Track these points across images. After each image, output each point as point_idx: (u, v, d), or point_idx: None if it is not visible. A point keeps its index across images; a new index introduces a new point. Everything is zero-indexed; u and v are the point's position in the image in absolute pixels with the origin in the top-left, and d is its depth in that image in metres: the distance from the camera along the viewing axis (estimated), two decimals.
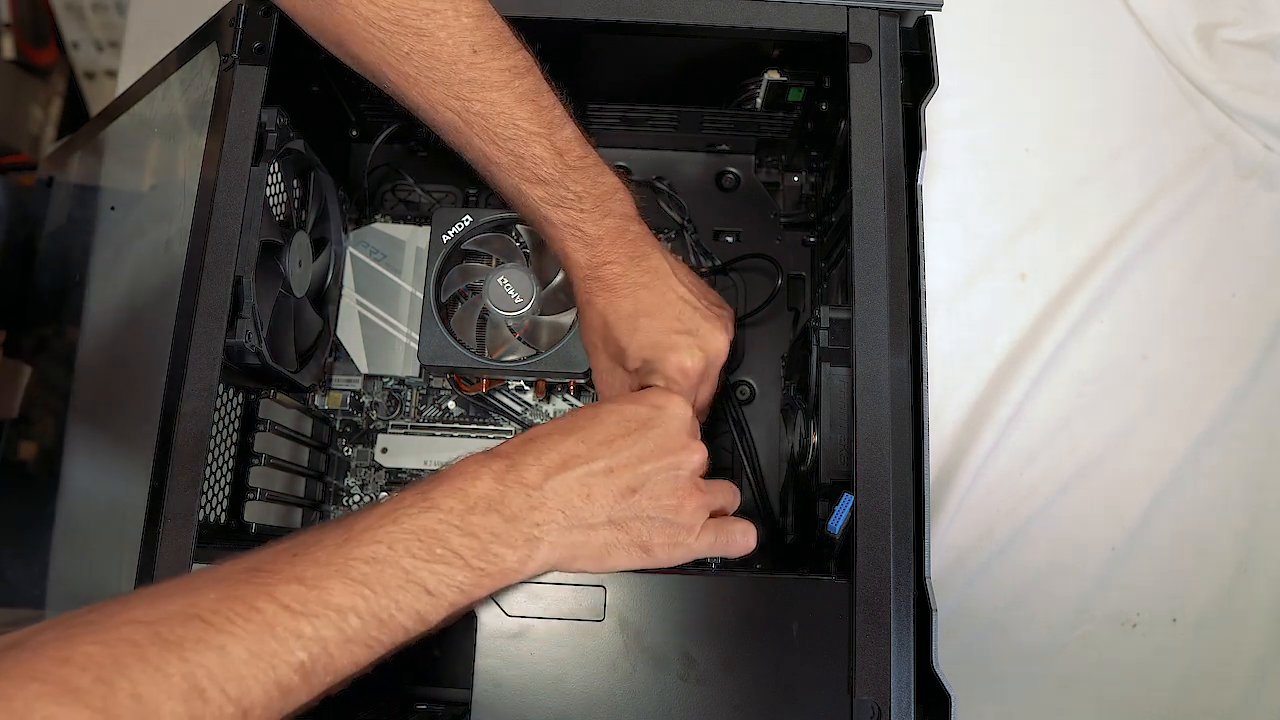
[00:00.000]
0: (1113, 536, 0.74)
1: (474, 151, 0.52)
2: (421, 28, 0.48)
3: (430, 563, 0.41)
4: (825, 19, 0.55)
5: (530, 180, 0.52)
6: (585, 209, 0.53)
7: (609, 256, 0.55)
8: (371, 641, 0.39)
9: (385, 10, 0.47)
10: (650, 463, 0.47)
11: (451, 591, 0.41)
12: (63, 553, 0.66)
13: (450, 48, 0.49)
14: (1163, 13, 0.84)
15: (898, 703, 0.45)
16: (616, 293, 0.55)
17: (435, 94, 0.50)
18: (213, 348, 0.51)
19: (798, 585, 0.48)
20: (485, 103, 0.50)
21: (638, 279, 0.55)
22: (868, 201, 0.52)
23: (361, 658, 0.39)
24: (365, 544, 0.40)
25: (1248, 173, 0.82)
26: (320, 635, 0.37)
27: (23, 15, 1.29)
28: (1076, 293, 0.78)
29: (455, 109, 0.50)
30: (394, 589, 0.40)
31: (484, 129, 0.51)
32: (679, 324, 0.56)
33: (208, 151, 0.54)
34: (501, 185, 0.54)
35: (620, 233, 0.55)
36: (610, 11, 0.55)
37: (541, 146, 0.51)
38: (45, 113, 1.35)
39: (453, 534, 0.42)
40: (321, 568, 0.39)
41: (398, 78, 0.50)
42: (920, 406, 0.50)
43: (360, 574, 0.39)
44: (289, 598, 0.37)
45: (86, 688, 0.31)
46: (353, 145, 0.72)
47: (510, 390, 0.69)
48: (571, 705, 0.45)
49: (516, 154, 0.51)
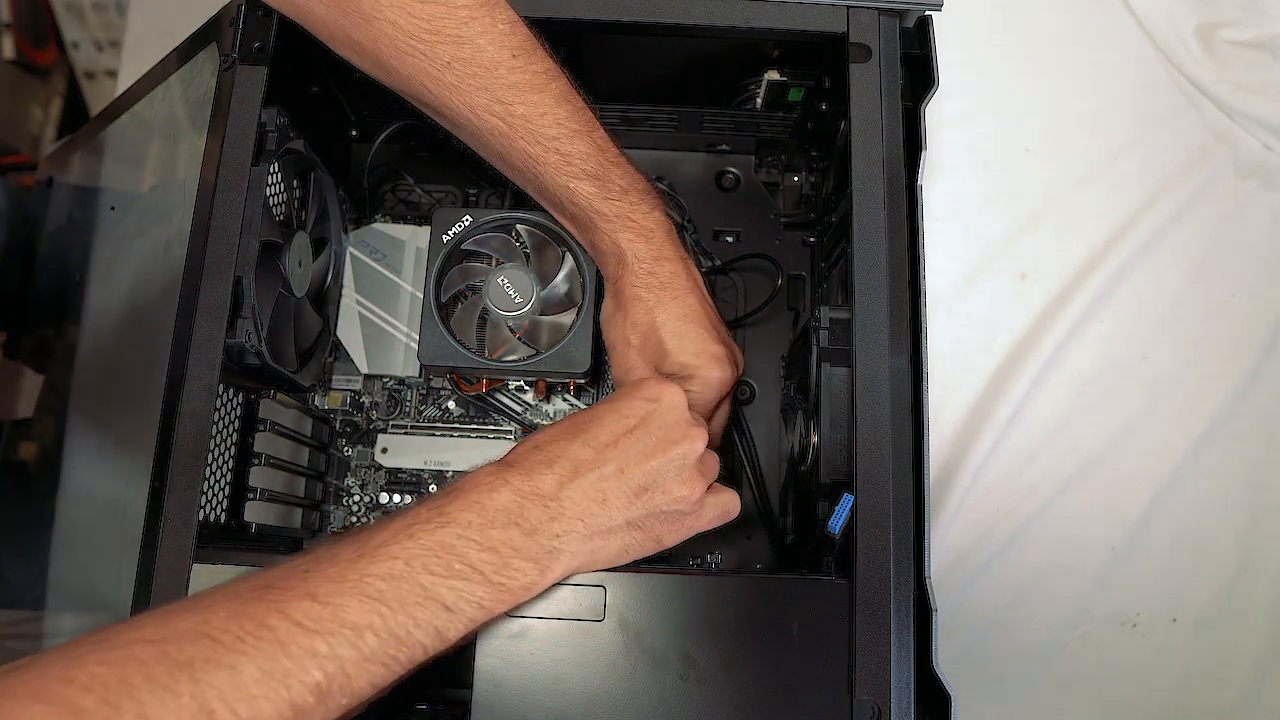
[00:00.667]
0: (1113, 536, 0.74)
1: (518, 155, 0.53)
2: (461, 35, 0.48)
3: (449, 579, 0.40)
4: (825, 19, 0.55)
5: (579, 176, 0.53)
6: (634, 201, 0.54)
7: (666, 252, 0.55)
8: (389, 660, 0.38)
9: (425, 21, 0.48)
10: (657, 457, 0.47)
11: (471, 607, 0.41)
12: (62, 553, 0.66)
13: (490, 53, 0.49)
14: (1163, 13, 0.84)
15: (898, 703, 0.45)
16: (669, 293, 0.55)
17: (479, 100, 0.50)
18: (213, 348, 0.51)
19: (798, 585, 0.48)
20: (528, 104, 0.51)
21: (687, 283, 0.56)
22: (868, 201, 0.52)
23: (380, 678, 0.38)
24: (381, 560, 0.39)
25: (1248, 173, 0.82)
26: (336, 654, 0.36)
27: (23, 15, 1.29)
28: (1076, 293, 0.78)
29: (499, 113, 0.51)
30: (411, 605, 0.39)
31: (528, 131, 0.51)
32: (718, 335, 0.57)
33: (208, 151, 0.54)
34: (549, 185, 0.54)
35: (669, 229, 0.56)
36: (610, 11, 0.55)
37: (585, 143, 0.52)
38: (45, 113, 1.35)
39: (471, 549, 0.41)
40: (336, 584, 0.38)
41: (439, 88, 0.50)
42: (920, 406, 0.50)
43: (376, 591, 0.38)
44: (302, 615, 0.36)
45: (90, 709, 0.30)
46: (353, 145, 0.72)
47: (510, 390, 0.69)
48: (571, 705, 0.45)
49: (563, 152, 0.52)
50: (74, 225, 0.75)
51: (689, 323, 0.55)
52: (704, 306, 0.57)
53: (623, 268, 0.56)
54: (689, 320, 0.55)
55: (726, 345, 0.57)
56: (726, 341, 0.58)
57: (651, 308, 0.55)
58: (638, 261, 0.55)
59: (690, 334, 0.55)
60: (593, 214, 0.54)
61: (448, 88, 0.50)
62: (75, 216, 0.76)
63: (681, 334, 0.55)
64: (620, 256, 0.55)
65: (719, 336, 0.57)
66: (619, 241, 0.55)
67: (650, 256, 0.55)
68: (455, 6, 0.48)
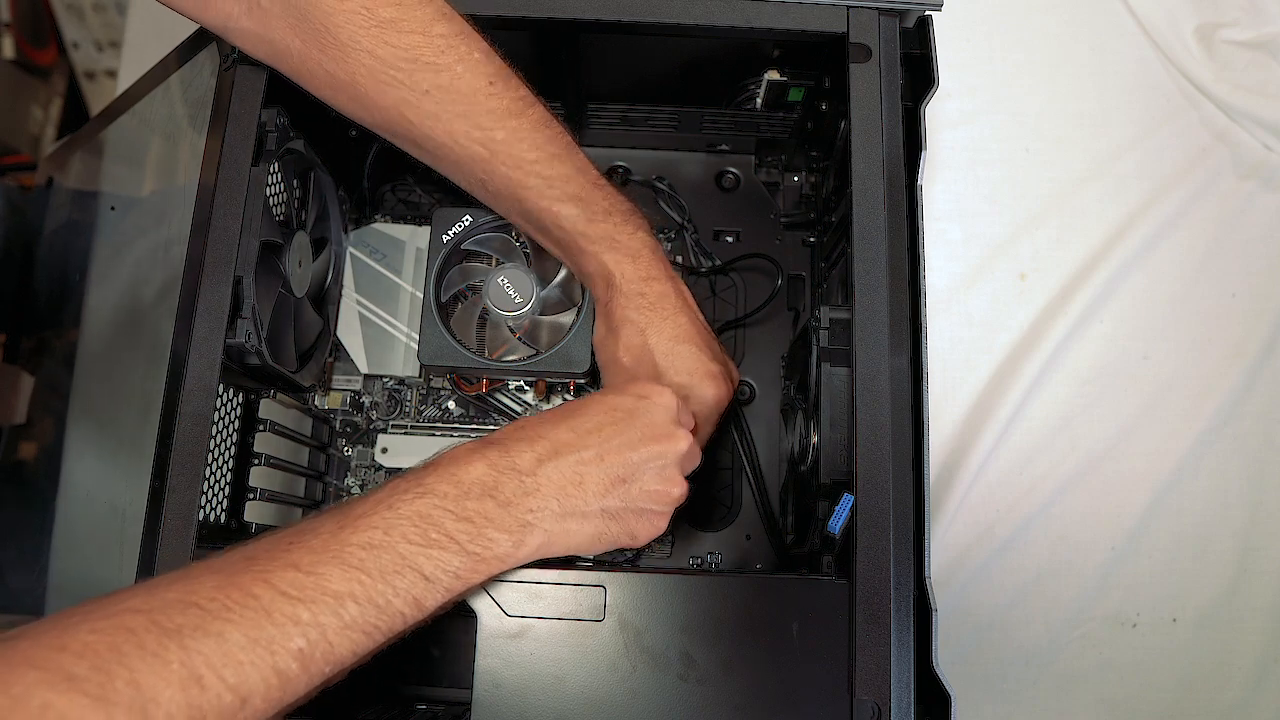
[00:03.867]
0: (1113, 536, 0.74)
1: (500, 180, 0.53)
2: (438, 63, 0.49)
3: (426, 548, 0.41)
4: (825, 19, 0.55)
5: (562, 199, 0.53)
6: (618, 222, 0.55)
7: (654, 271, 0.56)
8: (370, 628, 0.39)
9: (403, 50, 0.48)
10: (638, 450, 0.47)
11: (447, 577, 0.41)
12: (63, 554, 0.66)
13: (468, 80, 0.50)
14: (1163, 13, 0.84)
15: (898, 703, 0.45)
16: (659, 313, 0.56)
17: (459, 126, 0.51)
18: (213, 348, 0.51)
19: (798, 585, 0.48)
20: (507, 130, 0.51)
21: (676, 303, 0.56)
22: (868, 201, 0.52)
23: (361, 645, 0.39)
24: (361, 530, 0.40)
25: (1248, 173, 0.82)
26: (318, 621, 0.37)
27: (23, 15, 1.29)
28: (1076, 293, 0.78)
29: (479, 139, 0.51)
30: (390, 574, 0.40)
31: (509, 155, 0.52)
32: (712, 353, 0.57)
33: (208, 152, 0.54)
34: (532, 209, 0.54)
35: (655, 249, 0.56)
36: (610, 11, 0.55)
37: (566, 166, 0.53)
38: (45, 113, 1.35)
39: (448, 519, 0.42)
40: (317, 554, 0.39)
41: (419, 116, 0.51)
42: (920, 406, 0.50)
43: (357, 560, 0.39)
44: (285, 584, 0.37)
45: (84, 675, 0.31)
46: (353, 145, 0.72)
47: (510, 390, 0.69)
48: (571, 705, 0.45)
49: (544, 175, 0.53)
50: (74, 226, 0.75)
51: (681, 342, 0.56)
52: (695, 324, 0.57)
53: (611, 290, 0.56)
54: (681, 340, 0.56)
55: (721, 362, 0.57)
56: (721, 358, 0.58)
57: (643, 329, 0.55)
58: (626, 282, 0.55)
59: (683, 354, 0.56)
60: (577, 236, 0.55)
61: (428, 116, 0.51)
62: (75, 217, 0.76)
63: (674, 354, 0.56)
64: (608, 278, 0.56)
65: (713, 354, 0.57)
66: (606, 263, 0.55)
67: (638, 277, 0.55)
68: (432, 35, 0.49)
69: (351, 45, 0.48)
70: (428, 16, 0.49)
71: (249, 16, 0.49)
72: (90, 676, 0.31)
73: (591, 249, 0.55)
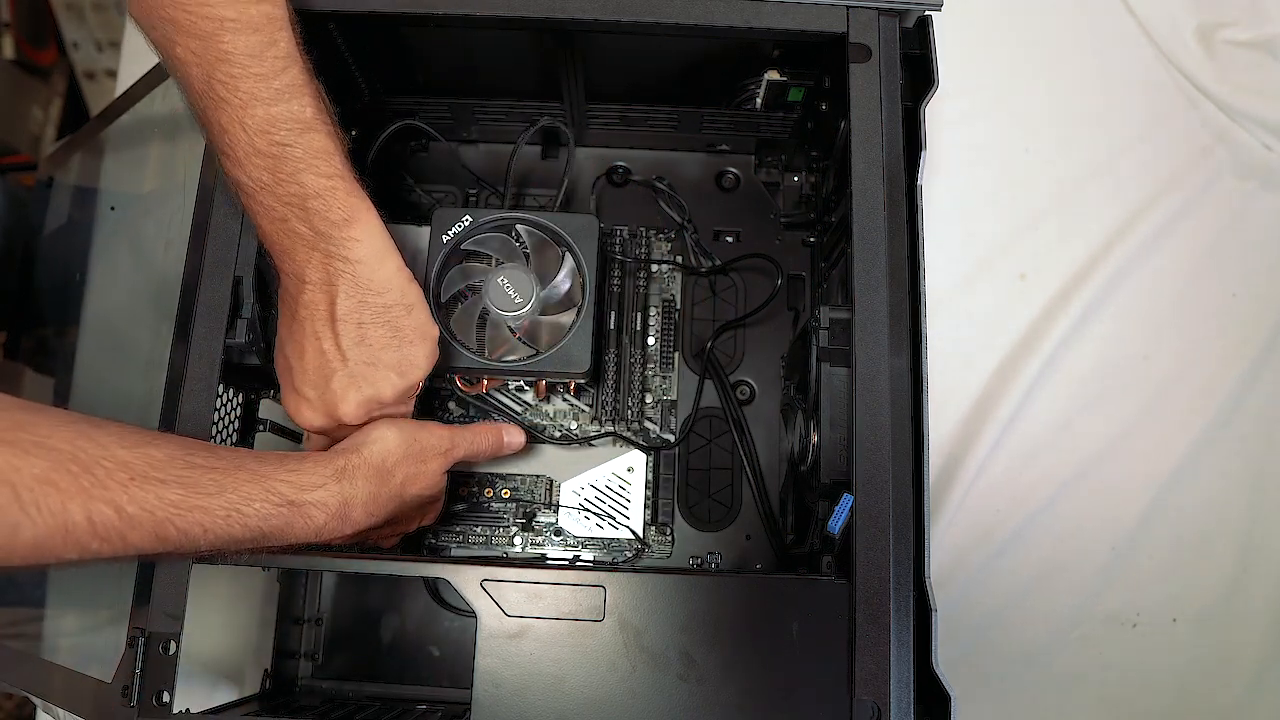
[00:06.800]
0: (1113, 536, 0.74)
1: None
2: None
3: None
4: (825, 19, 0.55)
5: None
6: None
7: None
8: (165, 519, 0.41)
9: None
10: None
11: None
12: None
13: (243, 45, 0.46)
14: (1163, 13, 0.84)
15: (897, 702, 0.45)
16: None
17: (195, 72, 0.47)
18: (213, 348, 0.51)
19: (797, 585, 0.48)
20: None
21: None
22: (867, 202, 0.52)
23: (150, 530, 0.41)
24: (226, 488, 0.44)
25: (1248, 173, 0.82)
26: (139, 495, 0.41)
27: (23, 15, 1.29)
28: (1076, 293, 0.78)
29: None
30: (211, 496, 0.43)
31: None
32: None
33: (208, 151, 0.54)
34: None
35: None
36: (610, 11, 0.55)
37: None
38: (45, 113, 1.35)
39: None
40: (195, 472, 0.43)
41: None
42: (920, 406, 0.50)
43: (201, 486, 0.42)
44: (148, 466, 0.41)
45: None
46: (353, 145, 0.72)
47: (510, 390, 0.69)
48: (571, 705, 0.45)
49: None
50: (74, 225, 0.75)
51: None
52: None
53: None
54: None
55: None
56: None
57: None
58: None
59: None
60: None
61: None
62: (75, 216, 0.76)
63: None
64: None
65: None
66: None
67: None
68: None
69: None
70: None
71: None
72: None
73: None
